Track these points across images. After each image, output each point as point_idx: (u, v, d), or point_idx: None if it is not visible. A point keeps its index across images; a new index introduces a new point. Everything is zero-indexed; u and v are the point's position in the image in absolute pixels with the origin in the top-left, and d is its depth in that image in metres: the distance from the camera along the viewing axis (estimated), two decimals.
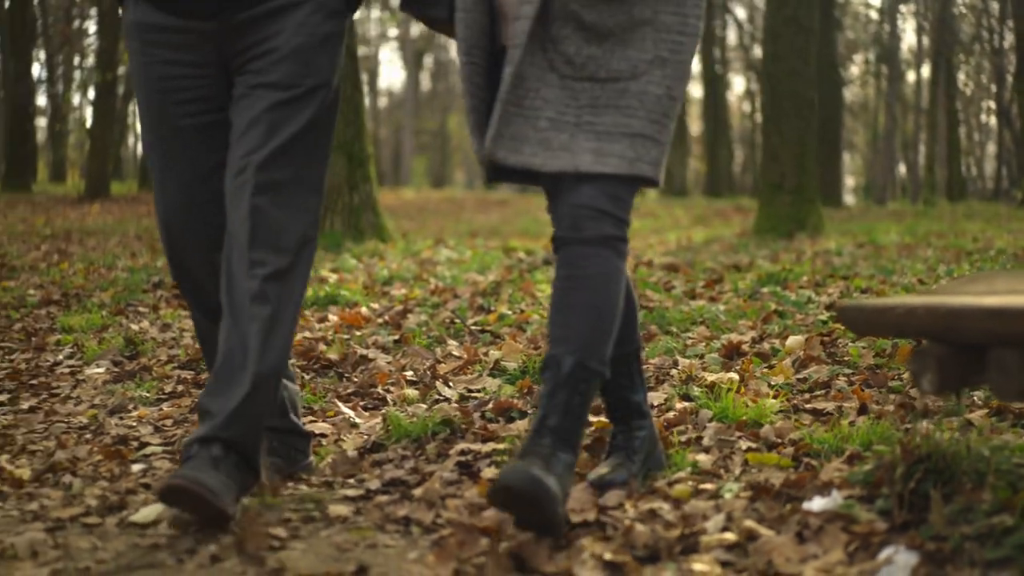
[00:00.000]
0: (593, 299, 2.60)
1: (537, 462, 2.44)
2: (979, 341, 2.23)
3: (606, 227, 2.60)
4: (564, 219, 2.63)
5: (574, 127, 2.61)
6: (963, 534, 2.36)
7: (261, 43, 2.78)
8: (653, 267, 7.28)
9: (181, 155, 2.85)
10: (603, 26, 2.62)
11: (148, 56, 2.83)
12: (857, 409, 3.45)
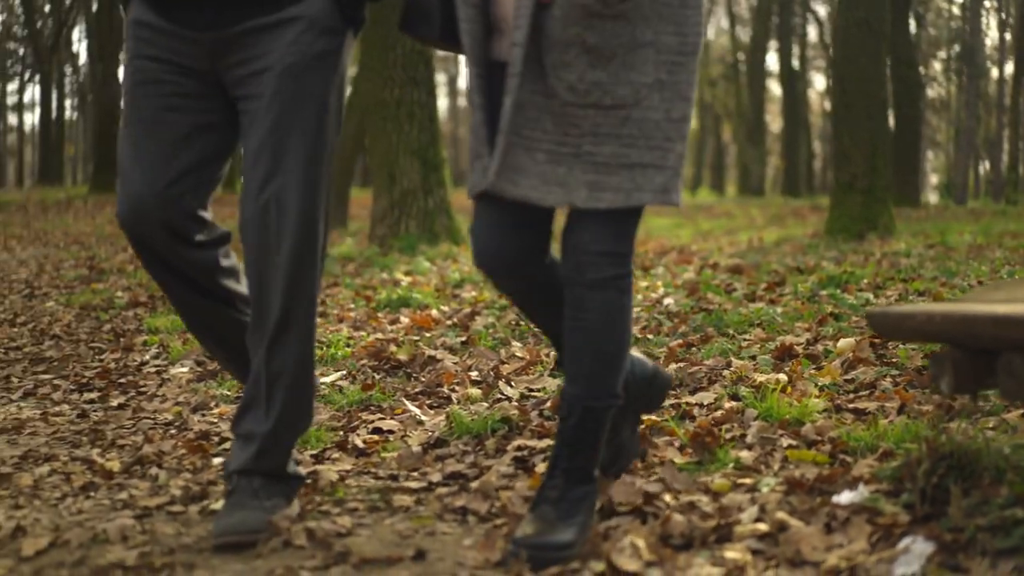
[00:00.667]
0: (596, 340, 2.67)
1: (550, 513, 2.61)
2: (990, 346, 2.40)
3: (607, 269, 2.64)
4: (567, 259, 2.67)
5: (573, 158, 2.58)
6: (978, 525, 2.52)
7: (254, 60, 2.79)
8: (718, 269, 7.43)
9: (152, 151, 2.81)
10: (607, 48, 2.56)
11: (138, 51, 2.83)
12: (897, 409, 3.61)
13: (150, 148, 2.81)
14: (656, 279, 6.96)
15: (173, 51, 2.81)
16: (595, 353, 2.67)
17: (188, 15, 2.78)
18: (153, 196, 2.80)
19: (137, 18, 2.84)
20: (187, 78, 2.82)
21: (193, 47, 2.80)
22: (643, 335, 5.03)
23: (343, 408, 4.07)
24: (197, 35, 2.78)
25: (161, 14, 2.80)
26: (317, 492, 3.13)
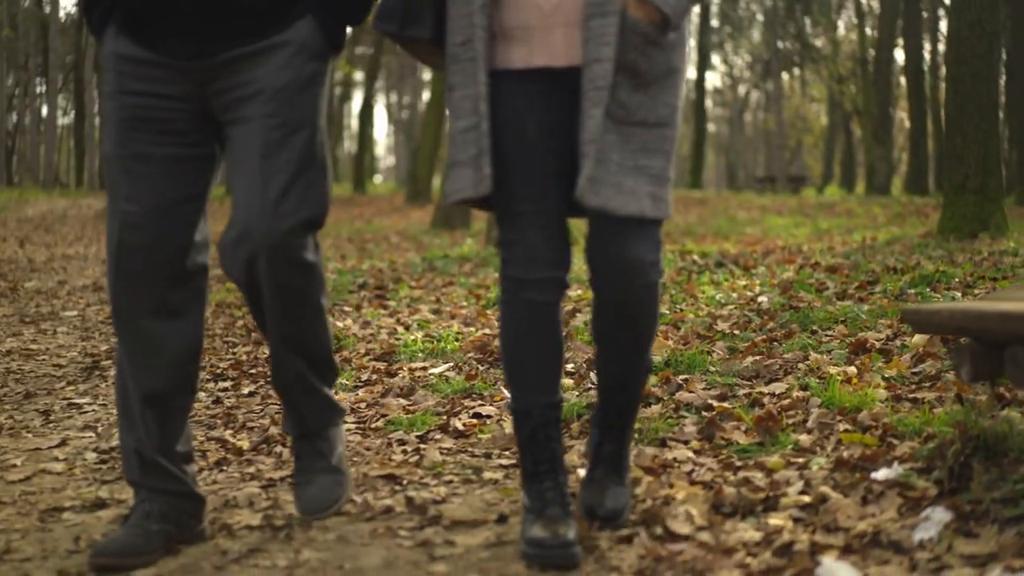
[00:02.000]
0: (642, 342, 2.88)
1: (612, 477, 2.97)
2: (1000, 339, 2.73)
3: (654, 276, 2.76)
4: (616, 270, 2.74)
5: (634, 170, 2.69)
6: (993, 498, 2.85)
7: (244, 85, 2.78)
8: (817, 269, 7.70)
9: (146, 183, 2.81)
10: (652, 74, 2.70)
11: (123, 87, 2.80)
12: (953, 398, 3.91)
13: (145, 186, 2.81)
14: (755, 278, 7.27)
15: (160, 82, 2.79)
16: (642, 351, 2.91)
17: (174, 45, 2.77)
18: (151, 235, 2.82)
19: (118, 52, 2.81)
20: (176, 111, 2.81)
21: (179, 76, 2.79)
22: (731, 331, 5.37)
23: (448, 395, 4.49)
24: (183, 64, 2.77)
25: (145, 45, 2.78)
26: (420, 467, 3.56)
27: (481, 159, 2.69)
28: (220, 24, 2.74)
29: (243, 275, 2.79)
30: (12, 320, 7.83)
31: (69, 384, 5.39)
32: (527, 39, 2.72)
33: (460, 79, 2.75)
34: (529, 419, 2.85)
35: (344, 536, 2.94)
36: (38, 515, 3.25)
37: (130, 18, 2.79)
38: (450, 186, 2.79)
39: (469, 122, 2.72)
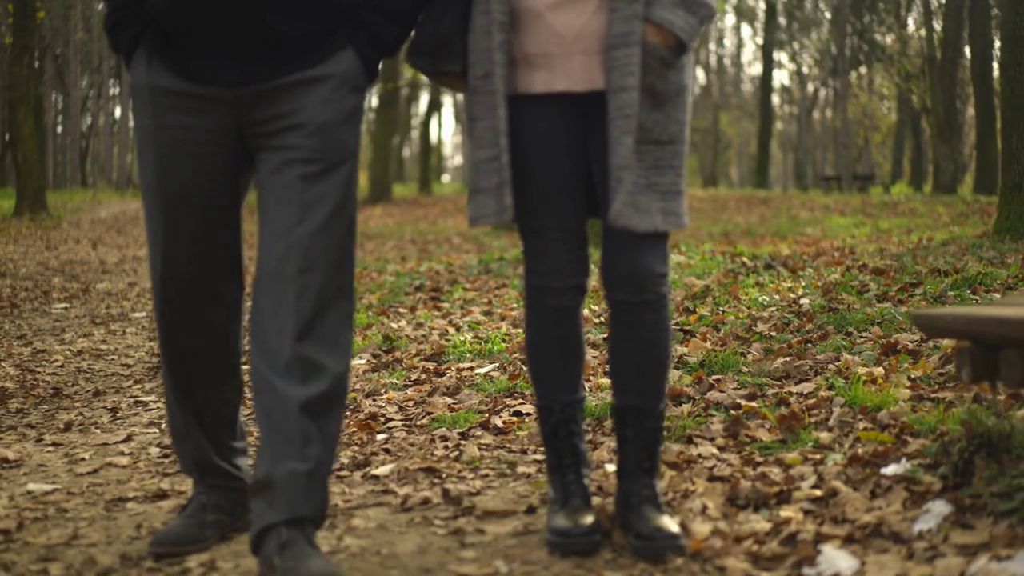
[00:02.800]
0: (656, 354, 2.99)
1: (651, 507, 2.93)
2: (996, 342, 2.91)
3: (662, 288, 2.95)
4: (627, 282, 2.91)
5: (647, 188, 2.85)
6: (992, 492, 3.02)
7: (285, 116, 2.79)
8: (864, 270, 7.82)
9: (188, 216, 2.83)
10: (667, 93, 2.87)
11: (161, 119, 2.80)
12: (971, 398, 4.07)
13: (187, 222, 2.84)
14: (801, 280, 7.42)
15: (200, 114, 2.79)
16: (657, 365, 3.03)
17: (213, 73, 2.76)
18: (195, 268, 2.88)
19: (155, 84, 2.79)
20: (215, 144, 2.82)
21: (218, 106, 2.79)
22: (769, 332, 5.55)
23: (491, 394, 4.71)
24: (224, 92, 2.77)
25: (182, 75, 2.78)
26: (458, 461, 3.78)
27: (503, 189, 2.88)
28: (261, 52, 2.76)
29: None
30: (83, 321, 8.16)
31: (136, 383, 5.67)
32: (548, 65, 2.89)
33: (481, 110, 2.92)
34: (552, 415, 3.05)
35: (384, 525, 3.17)
36: (104, 505, 3.50)
37: (164, 44, 2.78)
38: (474, 211, 2.96)
39: (491, 153, 2.90)
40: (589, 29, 2.87)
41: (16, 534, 3.19)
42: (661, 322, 2.98)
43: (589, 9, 2.86)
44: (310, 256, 2.74)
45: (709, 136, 57.27)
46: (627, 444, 3.02)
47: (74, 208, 26.72)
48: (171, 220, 2.82)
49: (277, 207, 2.76)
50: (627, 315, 2.96)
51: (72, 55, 48.96)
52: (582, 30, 2.87)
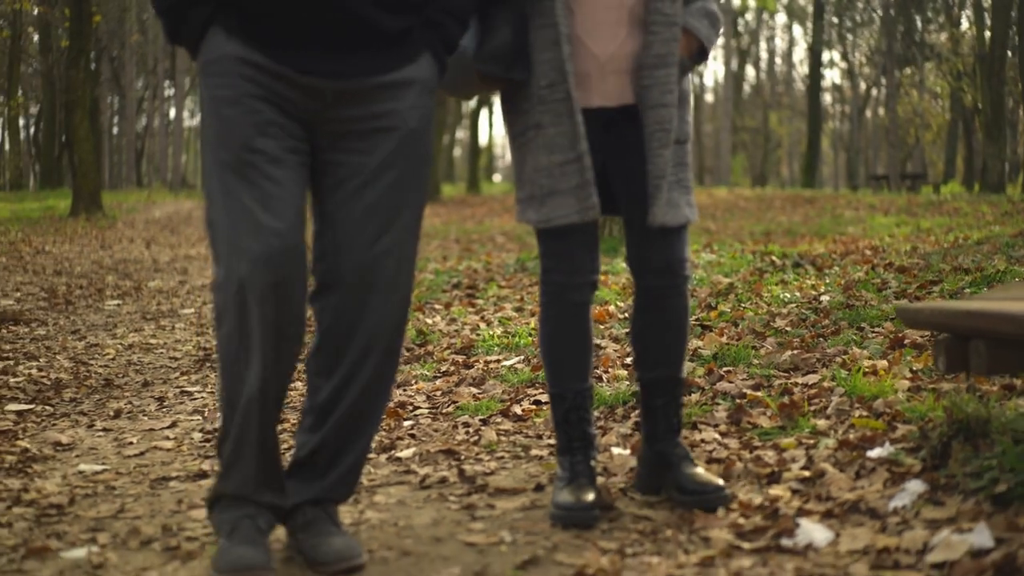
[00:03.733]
0: (682, 329, 3.32)
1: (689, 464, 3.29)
2: (966, 334, 3.14)
3: (686, 270, 3.27)
4: (662, 270, 3.22)
5: (676, 185, 3.19)
6: (964, 472, 3.25)
7: (376, 117, 2.80)
8: (890, 269, 8.00)
9: (280, 199, 2.69)
10: (683, 98, 3.22)
11: (247, 91, 2.70)
12: (965, 388, 4.29)
13: (278, 194, 2.70)
14: (826, 278, 7.63)
15: (281, 96, 2.73)
16: (682, 338, 3.38)
17: (309, 61, 2.72)
18: (288, 247, 2.69)
19: (238, 55, 2.71)
20: (295, 126, 2.76)
21: (302, 93, 2.74)
22: (785, 327, 5.77)
23: (514, 384, 4.98)
24: (317, 82, 2.74)
25: (280, 60, 2.71)
26: (477, 445, 4.06)
27: (587, 189, 3.12)
28: (359, 46, 2.76)
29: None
30: (135, 317, 8.51)
31: (183, 374, 5.99)
32: (585, 84, 3.15)
33: (550, 118, 3.12)
34: (564, 402, 3.30)
35: (403, 500, 3.45)
36: (149, 483, 3.80)
37: (253, 25, 2.71)
38: (551, 212, 3.15)
39: (567, 156, 3.11)
40: (622, 52, 3.15)
41: (68, 508, 3.49)
42: (685, 301, 3.31)
43: (622, 34, 3.14)
44: (400, 262, 2.85)
45: (758, 136, 57.20)
46: (658, 412, 3.35)
47: (129, 208, 27.22)
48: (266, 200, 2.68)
49: (365, 212, 2.80)
50: (658, 299, 3.27)
51: (128, 57, 49.67)
52: (615, 53, 3.14)
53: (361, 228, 2.80)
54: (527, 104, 3.16)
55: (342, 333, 2.86)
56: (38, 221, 20.85)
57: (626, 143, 3.19)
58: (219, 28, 2.73)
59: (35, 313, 8.49)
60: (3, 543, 3.12)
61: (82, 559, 2.98)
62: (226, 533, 2.80)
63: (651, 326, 3.32)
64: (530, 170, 3.20)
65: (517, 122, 3.22)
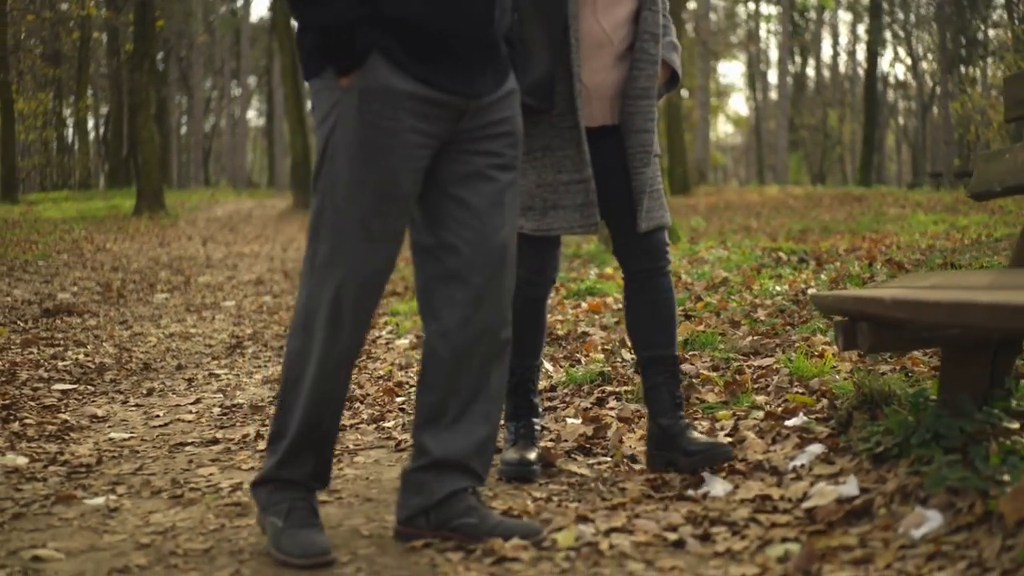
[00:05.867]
0: (673, 309, 3.77)
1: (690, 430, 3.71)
2: (855, 316, 3.64)
3: (668, 255, 3.75)
4: (644, 255, 3.69)
5: (653, 193, 3.68)
6: (858, 437, 3.75)
7: (497, 124, 3.01)
8: (888, 264, 8.43)
9: (395, 223, 2.92)
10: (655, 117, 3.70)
11: (395, 122, 2.84)
12: (899, 368, 4.76)
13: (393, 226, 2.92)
14: (822, 273, 8.07)
15: (431, 120, 2.90)
16: (672, 318, 3.77)
17: (452, 82, 2.90)
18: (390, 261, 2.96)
19: (395, 87, 2.84)
20: (429, 149, 2.94)
21: (451, 113, 2.93)
22: (762, 316, 6.25)
23: None
24: (462, 102, 2.94)
25: (431, 83, 2.88)
26: None
27: (591, 208, 3.61)
28: (488, 63, 2.99)
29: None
30: (179, 309, 9.15)
31: (214, 359, 6.60)
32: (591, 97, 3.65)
33: (559, 142, 3.60)
34: (514, 376, 3.82)
35: (379, 460, 4.02)
36: (168, 448, 4.38)
37: (408, 49, 2.85)
38: (552, 223, 3.62)
39: (574, 176, 3.60)
40: (606, 82, 3.64)
41: (95, 467, 4.08)
42: (669, 282, 3.77)
43: (608, 66, 3.63)
44: (512, 252, 3.09)
45: (818, 133, 57.14)
46: (661, 389, 3.76)
47: (192, 207, 28.04)
48: (382, 223, 2.89)
49: (488, 210, 3.00)
50: (645, 281, 3.72)
51: (195, 58, 50.70)
52: (601, 83, 3.64)
53: (484, 223, 3.00)
54: (537, 129, 3.61)
55: (470, 318, 3.03)
56: (103, 220, 21.62)
57: (608, 158, 3.66)
58: (379, 54, 2.84)
59: (88, 305, 9.15)
60: (37, 493, 3.71)
61: (101, 505, 3.56)
62: (281, 515, 2.98)
63: (642, 308, 3.76)
64: (532, 185, 3.64)
65: (524, 143, 3.59)
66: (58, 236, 16.45)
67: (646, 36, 3.63)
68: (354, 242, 2.87)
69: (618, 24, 3.63)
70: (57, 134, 39.16)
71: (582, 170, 3.59)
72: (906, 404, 3.84)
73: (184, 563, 2.94)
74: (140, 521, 3.37)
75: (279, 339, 7.30)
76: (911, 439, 3.46)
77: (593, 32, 3.59)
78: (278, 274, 12.03)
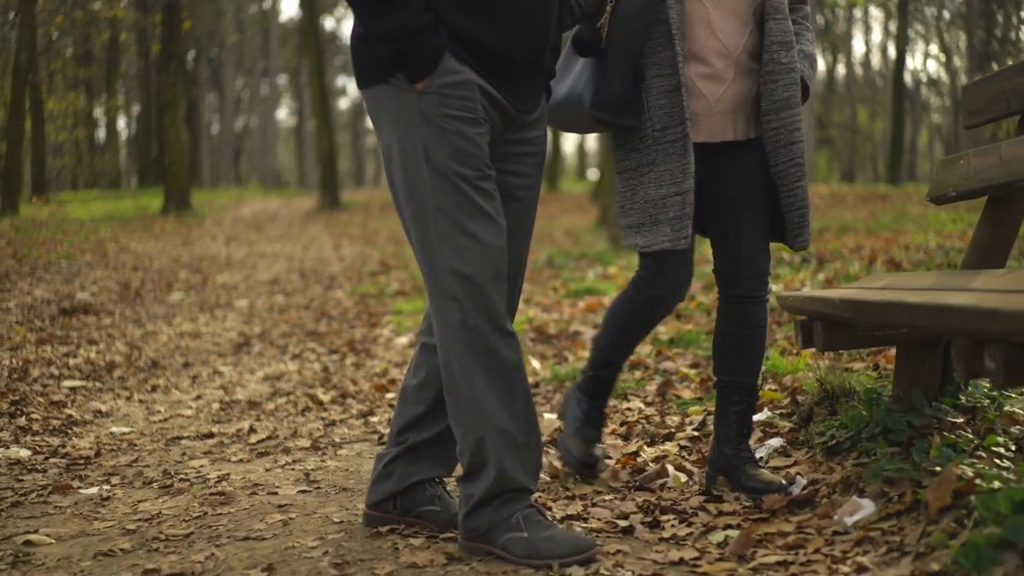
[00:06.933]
0: (762, 341, 3.65)
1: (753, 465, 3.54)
2: (811, 316, 3.80)
3: (769, 282, 3.65)
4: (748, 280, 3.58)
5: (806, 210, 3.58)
6: (817, 431, 3.92)
7: (530, 142, 3.13)
8: (887, 264, 8.55)
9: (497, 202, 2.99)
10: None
11: (481, 113, 2.96)
12: (871, 367, 4.91)
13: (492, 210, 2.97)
14: (820, 273, 8.21)
15: (493, 122, 3.01)
16: (760, 349, 3.64)
17: (521, 94, 3.05)
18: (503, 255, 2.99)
19: (477, 82, 2.94)
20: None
21: (506, 118, 3.04)
22: None
23: None
24: (519, 115, 3.07)
25: (502, 89, 3.00)
26: None
27: (684, 221, 3.42)
28: (536, 82, 3.12)
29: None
30: (193, 308, 9.37)
31: (220, 356, 6.81)
32: (693, 123, 3.48)
33: (663, 157, 3.44)
34: (612, 368, 3.77)
35: (360, 453, 4.21)
36: (164, 441, 4.59)
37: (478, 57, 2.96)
38: (656, 238, 3.46)
39: (671, 190, 3.44)
40: (727, 95, 3.49)
41: (93, 459, 4.29)
42: (765, 312, 3.64)
43: (729, 79, 3.47)
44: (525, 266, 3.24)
45: (847, 131, 56.93)
46: (731, 416, 3.61)
47: (219, 207, 28.31)
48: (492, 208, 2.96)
49: (513, 230, 3.09)
50: (742, 309, 3.61)
51: (225, 57, 51.05)
52: (722, 95, 3.49)
53: (512, 239, 3.10)
54: (641, 144, 3.49)
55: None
56: (130, 220, 21.89)
57: (730, 176, 3.54)
58: (450, 55, 2.93)
59: (105, 305, 9.38)
60: (37, 483, 3.92)
61: (94, 494, 3.77)
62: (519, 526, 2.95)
63: (732, 335, 3.63)
64: (641, 202, 3.51)
65: (629, 158, 3.55)
66: (83, 236, 16.71)
67: (774, 47, 3.47)
68: (479, 229, 2.91)
69: (735, 34, 3.48)
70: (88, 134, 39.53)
71: (681, 183, 3.43)
72: (863, 400, 4.01)
73: (164, 547, 3.15)
74: (129, 509, 3.58)
75: (285, 337, 7.51)
76: (863, 433, 3.63)
77: (709, 43, 3.47)
78: (294, 274, 12.24)
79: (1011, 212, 3.78)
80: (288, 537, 3.18)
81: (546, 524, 2.95)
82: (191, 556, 3.04)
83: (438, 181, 2.91)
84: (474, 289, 2.90)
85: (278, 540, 3.16)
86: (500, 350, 2.94)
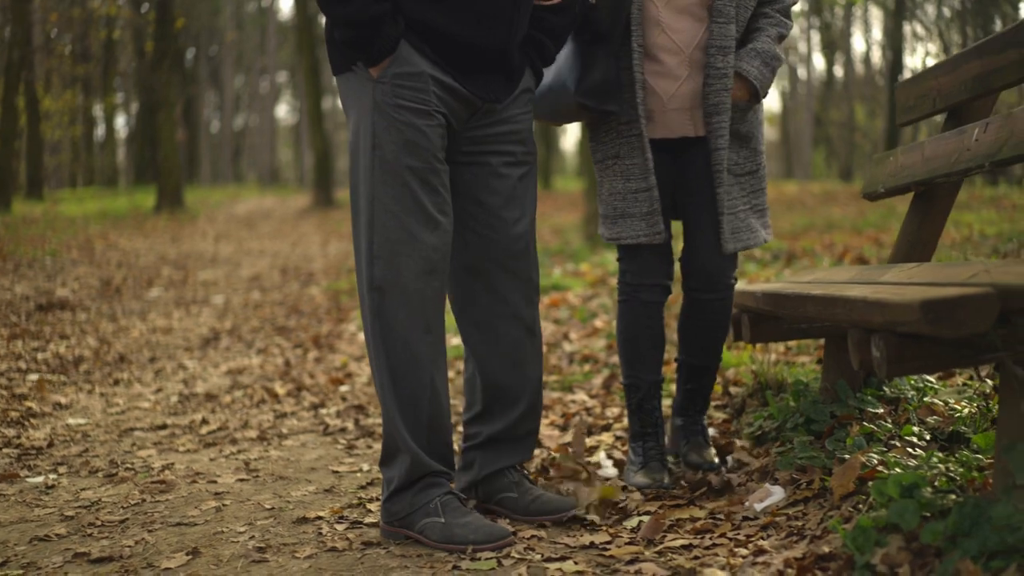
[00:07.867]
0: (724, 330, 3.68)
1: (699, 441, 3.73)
2: (741, 309, 3.89)
3: (733, 280, 3.61)
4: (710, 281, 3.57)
5: (749, 211, 3.56)
6: (747, 422, 4.01)
7: (506, 122, 3.15)
8: (856, 262, 8.63)
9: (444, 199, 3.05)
10: (748, 132, 3.56)
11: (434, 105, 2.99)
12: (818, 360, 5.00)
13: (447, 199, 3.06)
14: (787, 270, 8.29)
15: (453, 113, 3.05)
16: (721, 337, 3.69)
17: (486, 84, 3.08)
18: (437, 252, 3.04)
19: (431, 73, 2.99)
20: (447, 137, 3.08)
21: (467, 106, 3.08)
22: None
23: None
24: (482, 103, 3.09)
25: (460, 80, 3.03)
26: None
27: (655, 216, 3.49)
28: (500, 71, 3.12)
29: None
30: (169, 304, 9.46)
31: (187, 351, 6.90)
32: (650, 119, 3.53)
33: (627, 150, 3.52)
34: (638, 391, 3.67)
35: (305, 443, 4.29)
36: (117, 433, 4.67)
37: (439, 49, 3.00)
38: (622, 231, 3.54)
39: (640, 185, 3.50)
40: (681, 92, 3.51)
41: (45, 450, 4.37)
42: (728, 307, 3.65)
43: (683, 77, 3.49)
44: (530, 242, 3.24)
45: (844, 129, 56.88)
46: (691, 392, 3.78)
47: (214, 204, 28.36)
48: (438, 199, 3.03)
49: (504, 205, 3.16)
50: (704, 306, 3.63)
51: (225, 55, 51.12)
52: (676, 93, 3.51)
53: (501, 218, 3.17)
54: (608, 136, 3.56)
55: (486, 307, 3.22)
56: (123, 217, 21.93)
57: (690, 170, 3.56)
58: (407, 44, 2.99)
59: (83, 301, 9.46)
60: None
61: (40, 483, 3.85)
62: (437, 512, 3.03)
63: (696, 326, 3.69)
64: (607, 193, 3.59)
65: (599, 150, 3.61)
66: (72, 233, 16.80)
67: (712, 50, 3.48)
68: (413, 223, 2.98)
69: (687, 31, 3.50)
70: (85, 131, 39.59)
71: (646, 178, 3.50)
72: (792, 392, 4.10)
73: (99, 532, 3.23)
74: (71, 497, 3.66)
75: (254, 332, 7.60)
76: (787, 423, 3.71)
77: (659, 40, 3.51)
78: (276, 271, 12.33)
79: (934, 207, 3.86)
80: (219, 523, 3.27)
81: (464, 511, 3.02)
82: (122, 541, 3.12)
83: (382, 170, 2.96)
84: (397, 282, 2.95)
85: (208, 526, 3.25)
86: (413, 345, 2.99)
